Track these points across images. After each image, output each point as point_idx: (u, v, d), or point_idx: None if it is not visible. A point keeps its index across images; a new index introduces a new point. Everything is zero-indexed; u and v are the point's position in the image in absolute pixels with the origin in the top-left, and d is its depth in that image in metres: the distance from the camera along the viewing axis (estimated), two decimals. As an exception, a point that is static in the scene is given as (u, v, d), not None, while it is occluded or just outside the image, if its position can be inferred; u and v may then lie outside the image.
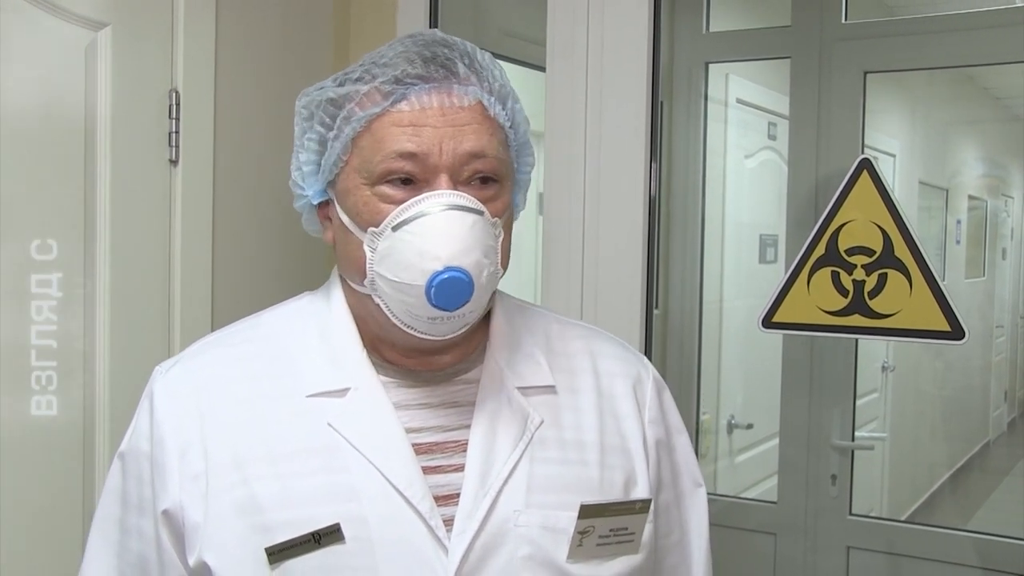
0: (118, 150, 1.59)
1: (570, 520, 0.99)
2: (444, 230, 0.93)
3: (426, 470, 0.98)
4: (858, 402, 2.44)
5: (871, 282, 1.78)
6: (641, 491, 1.05)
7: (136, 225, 1.62)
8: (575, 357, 1.10)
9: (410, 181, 0.96)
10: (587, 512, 0.99)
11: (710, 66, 2.65)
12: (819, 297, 1.81)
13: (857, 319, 1.79)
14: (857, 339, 2.28)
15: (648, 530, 1.04)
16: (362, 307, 1.02)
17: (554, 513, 0.99)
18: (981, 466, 4.20)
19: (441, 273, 0.92)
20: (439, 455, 0.99)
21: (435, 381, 1.03)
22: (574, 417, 1.05)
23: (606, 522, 1.00)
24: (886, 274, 1.77)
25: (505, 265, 1.02)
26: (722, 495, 2.75)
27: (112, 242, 1.58)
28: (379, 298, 0.97)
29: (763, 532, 2.43)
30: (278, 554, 0.94)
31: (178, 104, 1.67)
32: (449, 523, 0.96)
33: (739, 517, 2.50)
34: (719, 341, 2.80)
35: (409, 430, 0.99)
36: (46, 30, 1.50)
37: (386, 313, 0.97)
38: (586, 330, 1.16)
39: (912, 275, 1.75)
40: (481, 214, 0.95)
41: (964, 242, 3.93)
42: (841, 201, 1.80)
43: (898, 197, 1.77)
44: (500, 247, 0.99)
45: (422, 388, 1.02)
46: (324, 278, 1.11)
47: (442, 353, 1.03)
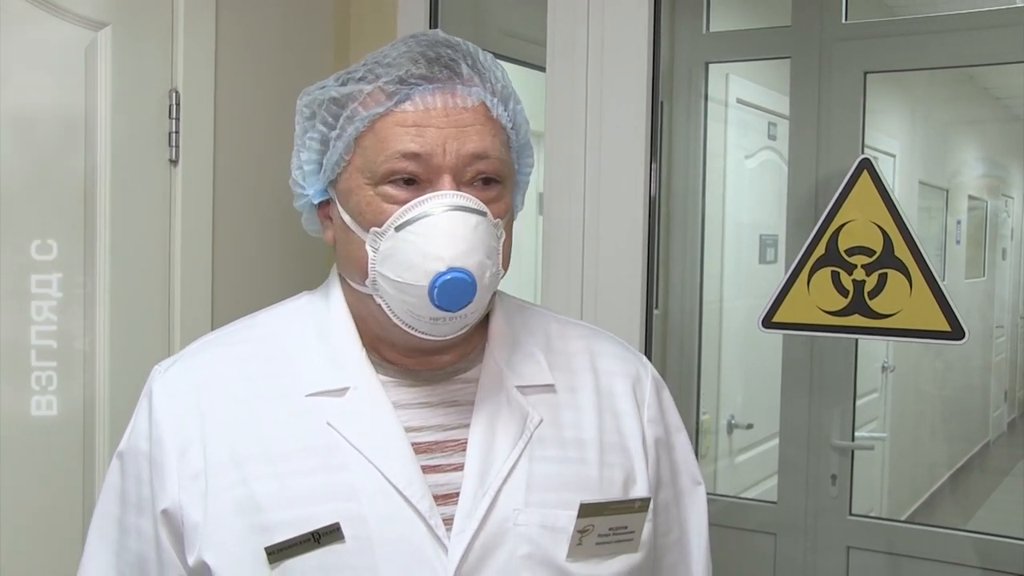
0: (118, 150, 1.59)
1: (569, 519, 0.99)
2: (447, 231, 0.93)
3: (425, 469, 0.98)
4: (858, 402, 2.44)
5: (871, 282, 1.78)
6: (640, 490, 1.05)
7: (136, 225, 1.62)
8: (574, 356, 1.10)
9: (413, 181, 0.96)
10: (586, 511, 0.99)
11: (710, 66, 2.65)
12: (819, 297, 1.81)
13: (857, 319, 1.79)
14: (857, 339, 2.28)
15: (647, 529, 1.04)
16: (362, 307, 1.02)
17: (553, 512, 0.99)
18: (981, 466, 4.20)
19: (444, 274, 0.92)
20: (438, 454, 0.99)
21: (434, 380, 1.03)
22: (573, 416, 1.05)
23: (605, 521, 1.00)
24: (886, 274, 1.77)
25: (506, 266, 1.02)
26: (722, 495, 2.75)
27: (112, 242, 1.58)
28: (380, 298, 0.97)
29: (763, 532, 2.43)
30: (278, 553, 0.93)
31: (178, 104, 1.67)
32: (448, 522, 0.96)
33: (739, 517, 2.50)
34: (719, 341, 2.80)
35: (408, 429, 0.99)
36: (46, 30, 1.50)
37: (387, 313, 0.97)
38: (585, 329, 1.17)
39: (912, 275, 1.75)
40: (484, 215, 0.96)
41: (964, 242, 3.93)
42: (841, 201, 1.80)
43: (898, 197, 1.77)
44: (501, 248, 0.99)
45: (421, 387, 1.02)
46: (324, 278, 1.11)
47: (442, 353, 1.03)
